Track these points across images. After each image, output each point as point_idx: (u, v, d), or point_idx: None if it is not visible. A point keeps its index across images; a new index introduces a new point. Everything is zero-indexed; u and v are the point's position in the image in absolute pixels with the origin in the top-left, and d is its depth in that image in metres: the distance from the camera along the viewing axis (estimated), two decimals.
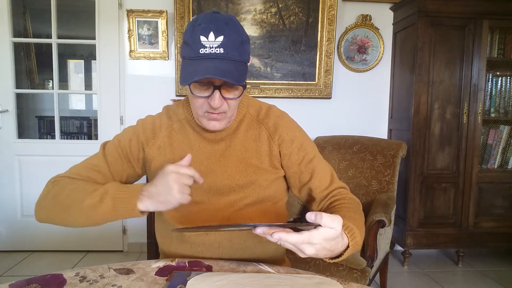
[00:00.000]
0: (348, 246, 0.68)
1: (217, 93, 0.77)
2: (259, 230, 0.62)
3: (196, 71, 0.74)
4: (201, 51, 0.74)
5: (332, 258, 0.69)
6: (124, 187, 0.81)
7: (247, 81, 2.53)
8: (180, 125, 0.92)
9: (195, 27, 0.76)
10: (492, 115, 2.46)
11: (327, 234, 0.60)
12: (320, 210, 0.87)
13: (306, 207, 2.10)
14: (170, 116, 0.94)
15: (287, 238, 0.59)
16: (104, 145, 0.93)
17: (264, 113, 0.93)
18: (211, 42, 0.74)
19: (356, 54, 2.59)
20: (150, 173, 0.92)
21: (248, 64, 0.82)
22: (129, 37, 2.46)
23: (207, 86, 0.77)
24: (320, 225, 0.60)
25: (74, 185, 0.82)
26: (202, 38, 0.74)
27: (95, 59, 2.53)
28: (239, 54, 0.76)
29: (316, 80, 2.55)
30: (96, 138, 2.60)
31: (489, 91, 2.44)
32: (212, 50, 0.74)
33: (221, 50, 0.74)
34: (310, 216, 0.60)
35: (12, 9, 2.47)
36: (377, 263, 1.82)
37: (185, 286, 0.69)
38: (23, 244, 2.58)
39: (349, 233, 0.69)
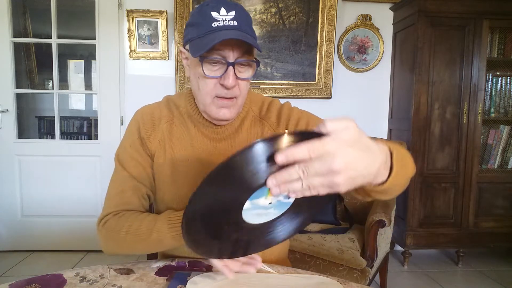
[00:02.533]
0: (391, 154, 0.55)
1: (231, 70, 0.73)
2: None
3: (213, 38, 0.70)
4: (214, 24, 0.72)
5: (382, 183, 0.54)
6: (172, 218, 0.76)
7: None
8: (181, 120, 0.88)
9: (202, 7, 0.74)
10: (492, 115, 2.46)
11: (343, 136, 0.45)
12: None
13: None
14: (170, 108, 0.90)
15: (295, 152, 0.44)
16: (118, 159, 0.88)
17: (266, 108, 0.91)
18: (224, 16, 0.72)
19: (356, 54, 2.59)
20: (154, 167, 0.89)
21: None
22: (129, 37, 2.46)
23: (220, 64, 0.74)
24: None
25: (124, 227, 0.79)
26: (214, 13, 0.72)
27: (95, 59, 2.53)
28: (251, 31, 0.75)
29: (316, 80, 2.55)
30: (96, 138, 2.60)
31: (489, 91, 2.43)
32: (226, 23, 0.72)
33: (235, 23, 0.72)
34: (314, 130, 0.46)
35: (12, 9, 2.47)
36: (377, 263, 1.82)
37: (185, 286, 0.69)
38: (23, 244, 2.58)
39: (381, 141, 0.55)
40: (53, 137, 2.73)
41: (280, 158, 0.44)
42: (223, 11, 0.73)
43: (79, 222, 2.59)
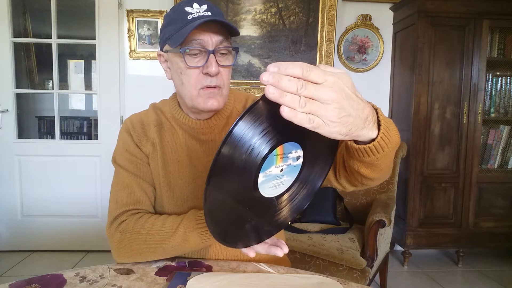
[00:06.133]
0: (375, 109, 0.55)
1: (212, 57, 0.76)
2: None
3: (192, 26, 0.72)
4: (189, 17, 0.75)
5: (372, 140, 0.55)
6: (200, 216, 0.77)
7: (247, 81, 2.53)
8: (168, 125, 0.89)
9: (175, 7, 0.79)
10: (492, 115, 2.46)
11: (339, 76, 0.45)
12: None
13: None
14: (157, 114, 0.92)
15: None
16: (117, 163, 0.87)
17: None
18: (197, 9, 0.76)
19: (356, 54, 2.59)
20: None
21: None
22: (129, 37, 2.46)
23: (201, 55, 0.77)
24: None
25: (144, 228, 0.79)
26: (187, 8, 0.76)
27: (95, 59, 2.53)
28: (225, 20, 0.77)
29: None
30: (96, 138, 2.60)
31: (489, 91, 2.44)
32: (200, 14, 0.75)
33: (209, 13, 0.76)
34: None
35: (12, 9, 2.47)
36: (377, 263, 1.82)
37: (185, 286, 0.69)
38: (23, 244, 2.58)
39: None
40: (53, 137, 2.73)
41: (272, 69, 0.42)
42: (195, 5, 0.76)
43: (79, 222, 2.59)
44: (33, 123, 4.12)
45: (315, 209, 2.07)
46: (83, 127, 4.44)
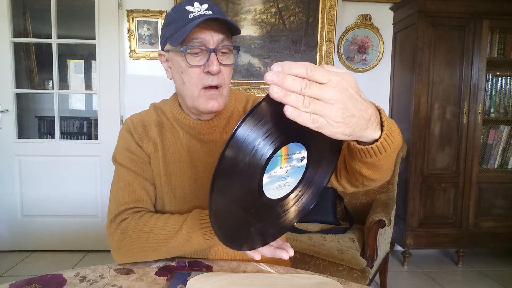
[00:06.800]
0: (378, 110, 0.54)
1: (213, 56, 0.75)
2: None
3: (193, 25, 0.72)
4: (190, 15, 0.75)
5: (374, 142, 0.55)
6: (203, 216, 0.77)
7: (247, 81, 2.53)
8: (169, 125, 0.89)
9: (176, 6, 0.79)
10: (492, 115, 2.46)
11: (343, 76, 0.45)
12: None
13: None
14: (158, 114, 0.91)
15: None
16: (118, 161, 0.87)
17: (251, 106, 0.91)
18: (198, 8, 0.76)
19: (356, 54, 2.59)
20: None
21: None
22: (129, 37, 2.46)
23: (202, 54, 0.76)
24: None
25: (146, 227, 0.78)
26: (188, 7, 0.76)
27: (95, 59, 2.53)
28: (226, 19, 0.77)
29: None
30: (96, 138, 2.60)
31: (489, 91, 2.44)
32: (201, 13, 0.75)
33: (210, 12, 0.76)
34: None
35: (12, 9, 2.47)
36: (377, 263, 1.82)
37: (185, 286, 0.69)
38: (23, 244, 2.58)
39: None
40: (53, 137, 2.73)
41: (276, 68, 0.42)
42: (196, 4, 0.76)
43: (79, 222, 2.59)
44: (33, 123, 4.12)
45: (315, 209, 2.06)
46: (83, 127, 4.43)
